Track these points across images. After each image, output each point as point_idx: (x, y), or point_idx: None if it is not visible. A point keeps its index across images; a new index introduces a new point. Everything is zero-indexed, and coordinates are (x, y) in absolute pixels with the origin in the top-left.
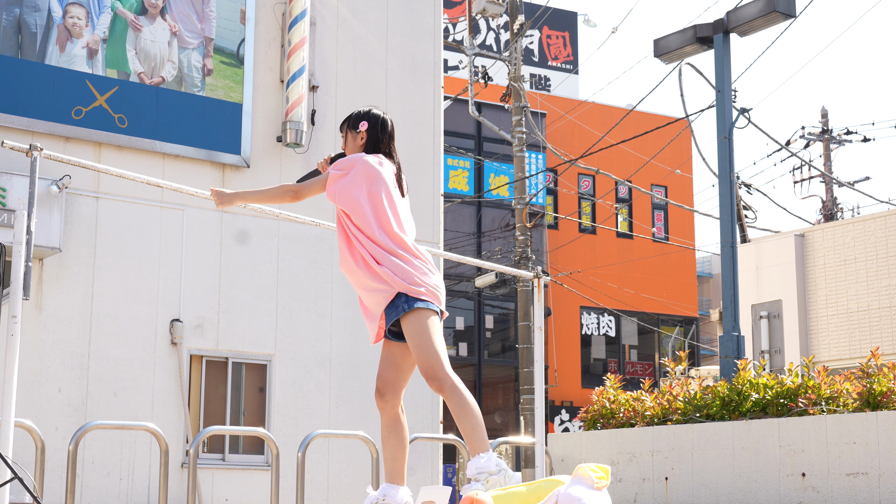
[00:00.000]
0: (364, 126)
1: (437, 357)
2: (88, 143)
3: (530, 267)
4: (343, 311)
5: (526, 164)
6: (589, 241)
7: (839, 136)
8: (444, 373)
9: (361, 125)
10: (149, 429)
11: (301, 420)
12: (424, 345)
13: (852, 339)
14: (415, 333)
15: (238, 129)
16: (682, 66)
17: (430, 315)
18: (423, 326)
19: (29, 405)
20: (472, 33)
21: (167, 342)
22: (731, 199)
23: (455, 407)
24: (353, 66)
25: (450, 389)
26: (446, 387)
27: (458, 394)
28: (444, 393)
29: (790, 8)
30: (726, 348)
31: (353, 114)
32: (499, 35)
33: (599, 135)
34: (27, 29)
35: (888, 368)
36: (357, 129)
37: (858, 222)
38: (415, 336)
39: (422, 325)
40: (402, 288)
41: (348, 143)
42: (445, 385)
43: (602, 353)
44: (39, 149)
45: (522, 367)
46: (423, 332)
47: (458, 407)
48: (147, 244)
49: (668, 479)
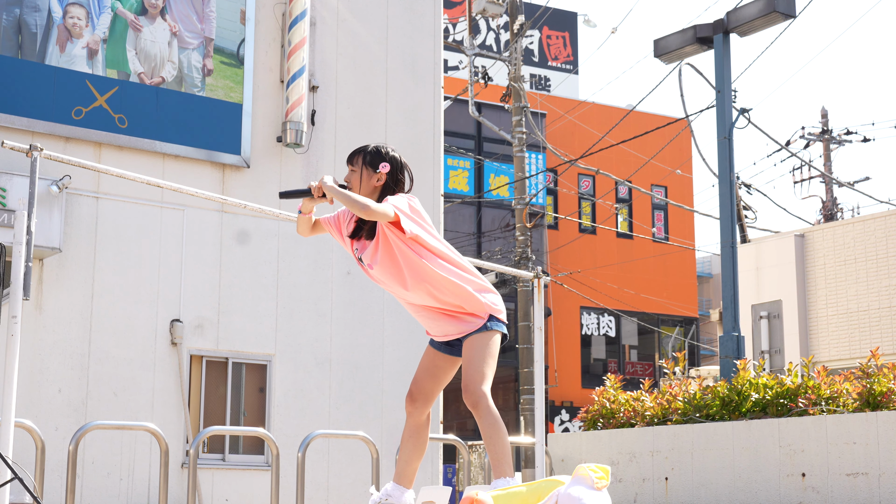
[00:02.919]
0: (385, 168)
1: (485, 376)
2: (88, 143)
3: (530, 267)
4: (343, 311)
5: (526, 164)
6: (589, 242)
7: (839, 137)
8: (484, 392)
9: (382, 166)
10: (149, 429)
11: (301, 420)
12: (480, 362)
13: (852, 339)
14: (478, 348)
15: (238, 130)
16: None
17: (499, 337)
18: (488, 344)
19: (29, 405)
20: (472, 33)
21: (167, 342)
22: (731, 199)
23: (488, 428)
24: (353, 66)
25: (485, 409)
26: (482, 406)
27: (492, 416)
28: (478, 410)
29: (790, 8)
30: (726, 348)
31: (368, 150)
32: (499, 35)
33: (599, 135)
34: (27, 29)
35: (888, 368)
36: (377, 170)
37: (858, 222)
38: (477, 351)
39: (489, 343)
40: (491, 310)
41: (363, 179)
42: (482, 404)
43: (602, 354)
44: (39, 149)
45: (522, 368)
46: (486, 350)
47: (490, 428)
48: (147, 244)
49: (668, 480)
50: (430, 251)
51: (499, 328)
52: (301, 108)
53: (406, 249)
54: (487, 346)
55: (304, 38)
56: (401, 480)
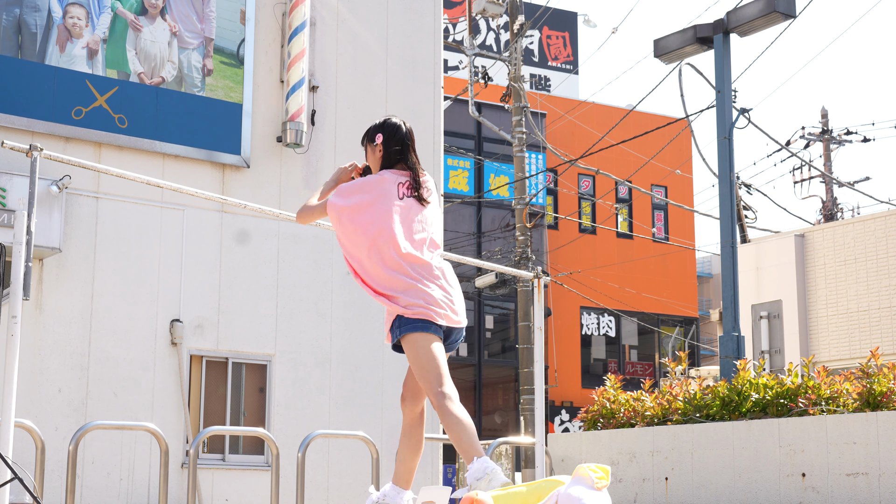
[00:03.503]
0: (380, 138)
1: (428, 381)
2: (88, 143)
3: (530, 267)
4: (343, 311)
5: (526, 164)
6: (589, 242)
7: (839, 137)
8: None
9: (377, 137)
10: (149, 429)
11: (301, 420)
12: (416, 369)
13: (852, 340)
14: (408, 358)
15: (238, 130)
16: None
17: (419, 337)
18: (413, 352)
19: (29, 405)
20: (472, 33)
21: (167, 342)
22: (731, 199)
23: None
24: (353, 66)
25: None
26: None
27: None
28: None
29: (790, 8)
30: (726, 348)
31: (371, 126)
32: (499, 35)
33: (599, 135)
34: (27, 29)
35: (888, 368)
36: (374, 142)
37: (858, 222)
38: (409, 360)
39: (411, 350)
40: (398, 310)
41: (368, 156)
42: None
43: (602, 354)
44: (39, 149)
45: (522, 368)
46: (414, 358)
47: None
48: (147, 244)
49: (668, 480)
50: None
51: (410, 330)
52: (301, 109)
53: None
54: (413, 351)
55: (304, 38)
56: (398, 481)
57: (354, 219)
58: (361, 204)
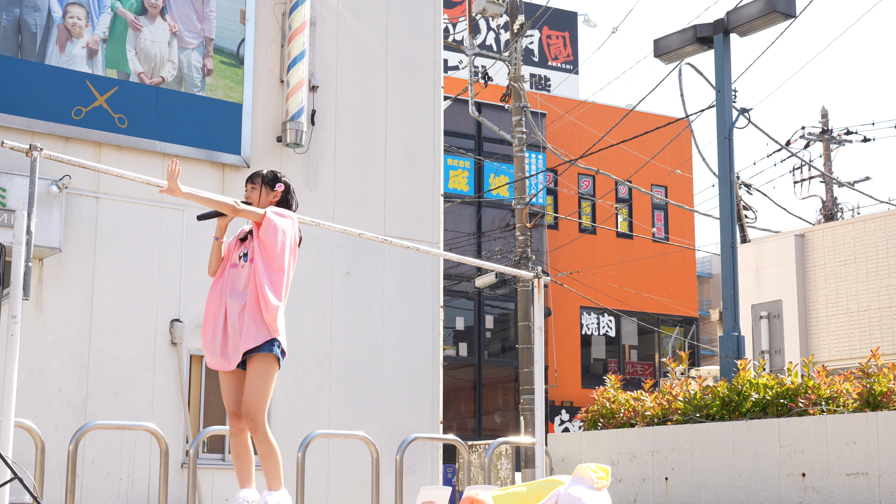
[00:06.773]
0: (280, 188)
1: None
2: (88, 143)
3: (530, 267)
4: (343, 311)
5: (526, 164)
6: (589, 241)
7: (839, 136)
8: (263, 419)
9: (278, 186)
10: (149, 429)
11: (301, 420)
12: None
13: (852, 339)
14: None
15: (238, 130)
16: (682, 66)
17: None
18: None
19: (29, 405)
20: (472, 33)
21: (167, 342)
22: (731, 199)
23: (263, 452)
24: (353, 66)
25: (262, 435)
26: (260, 432)
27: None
28: (256, 435)
29: (790, 8)
30: (726, 348)
31: (267, 174)
32: (499, 35)
33: (599, 135)
34: (27, 29)
35: (888, 368)
36: (273, 189)
37: (858, 222)
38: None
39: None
40: (278, 336)
41: (261, 195)
42: (260, 430)
43: (602, 353)
44: (39, 149)
45: (522, 367)
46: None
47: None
48: (147, 244)
49: (668, 480)
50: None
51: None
52: (301, 109)
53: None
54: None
55: (304, 38)
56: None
57: (294, 254)
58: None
